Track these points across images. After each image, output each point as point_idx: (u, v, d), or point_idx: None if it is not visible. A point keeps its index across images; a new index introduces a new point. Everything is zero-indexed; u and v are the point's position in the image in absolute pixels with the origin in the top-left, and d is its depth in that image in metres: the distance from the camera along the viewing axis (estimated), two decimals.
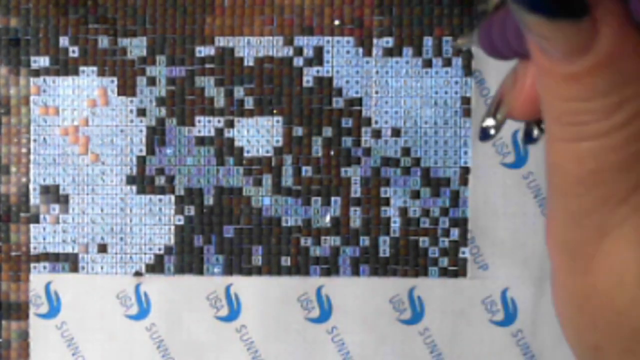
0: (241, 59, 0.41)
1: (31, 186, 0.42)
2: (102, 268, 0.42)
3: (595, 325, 0.18)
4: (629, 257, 0.17)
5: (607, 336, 0.18)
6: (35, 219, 0.42)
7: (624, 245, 0.17)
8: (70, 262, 0.42)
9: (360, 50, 0.41)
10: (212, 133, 0.41)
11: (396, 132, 0.41)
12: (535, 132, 0.21)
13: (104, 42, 0.41)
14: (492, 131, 0.21)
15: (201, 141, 0.41)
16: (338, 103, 0.41)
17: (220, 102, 0.41)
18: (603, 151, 0.17)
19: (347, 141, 0.41)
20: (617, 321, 0.17)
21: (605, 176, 0.17)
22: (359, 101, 0.41)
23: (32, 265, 0.42)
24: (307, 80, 0.41)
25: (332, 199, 0.41)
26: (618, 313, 0.17)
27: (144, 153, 0.41)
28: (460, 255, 0.41)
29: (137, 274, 0.41)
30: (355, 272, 0.41)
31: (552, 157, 0.18)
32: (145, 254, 0.42)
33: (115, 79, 0.41)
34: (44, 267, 0.42)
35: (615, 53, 0.16)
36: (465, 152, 0.41)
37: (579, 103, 0.16)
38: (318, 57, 0.41)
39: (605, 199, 0.17)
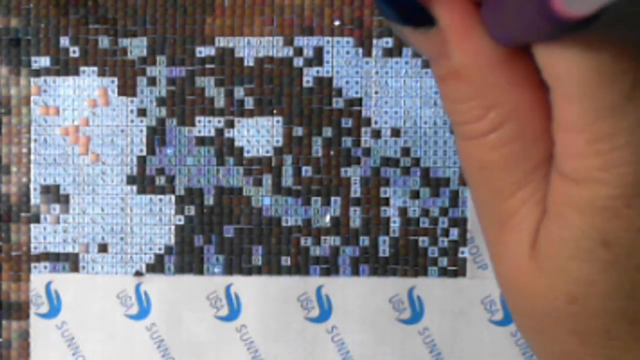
0: (241, 59, 0.41)
1: (31, 186, 0.42)
2: (102, 268, 0.42)
3: (510, 307, 0.20)
4: (519, 245, 0.18)
5: (519, 317, 0.20)
6: (36, 219, 0.42)
7: (515, 234, 0.18)
8: (70, 262, 0.42)
9: (360, 50, 0.41)
10: (212, 133, 0.41)
11: (396, 132, 0.41)
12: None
13: (104, 42, 0.41)
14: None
15: (201, 141, 0.41)
16: (338, 103, 0.41)
17: (220, 102, 0.41)
18: (483, 150, 0.18)
19: (347, 141, 0.41)
20: (520, 303, 0.19)
21: (491, 173, 0.18)
22: (359, 101, 0.41)
23: (32, 265, 0.42)
24: (307, 80, 0.41)
25: (332, 199, 0.41)
26: (518, 295, 0.19)
27: (144, 153, 0.41)
28: (460, 255, 0.41)
29: (138, 273, 0.42)
30: (355, 272, 0.41)
31: (458, 151, 0.19)
32: (145, 253, 0.42)
33: (115, 79, 0.41)
34: (45, 267, 0.42)
35: (467, 64, 0.17)
36: None
37: (454, 104, 0.18)
38: (318, 57, 0.41)
39: (496, 192, 0.18)
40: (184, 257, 0.42)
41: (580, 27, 0.14)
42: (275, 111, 0.41)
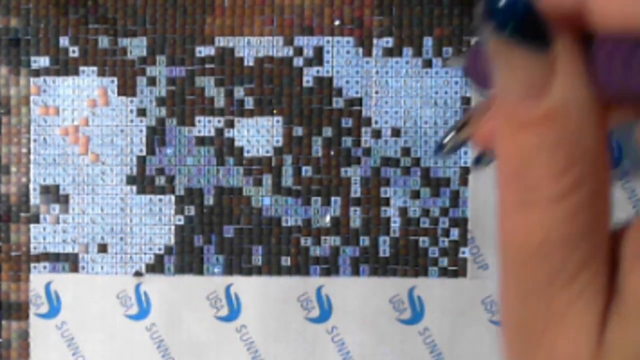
0: (241, 59, 0.41)
1: (31, 186, 0.42)
2: (102, 268, 0.42)
3: None
4: (581, 341, 0.16)
5: None
6: (36, 219, 0.42)
7: (576, 328, 0.16)
8: (70, 262, 0.42)
9: (360, 50, 0.41)
10: (212, 133, 0.41)
11: (396, 132, 0.41)
12: (486, 160, 0.21)
13: (104, 42, 0.41)
14: (448, 148, 0.21)
15: (201, 141, 0.41)
16: (338, 103, 0.41)
17: (220, 102, 0.41)
18: (553, 221, 0.16)
19: (347, 141, 0.41)
20: None
21: (553, 250, 0.16)
22: (359, 101, 0.41)
23: (32, 265, 0.42)
24: (307, 80, 0.41)
25: (332, 199, 0.41)
26: None
27: (144, 153, 0.41)
28: (460, 255, 0.41)
29: (137, 274, 0.42)
30: (355, 272, 0.41)
31: (501, 226, 0.17)
32: (145, 254, 0.42)
33: (115, 79, 0.41)
34: (44, 267, 0.42)
35: (571, 101, 0.15)
36: (465, 152, 0.41)
37: (531, 155, 0.16)
38: (318, 57, 0.41)
39: (553, 275, 0.16)
40: (184, 257, 0.41)
41: None
42: (275, 111, 0.41)
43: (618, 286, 0.16)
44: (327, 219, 0.41)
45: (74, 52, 0.41)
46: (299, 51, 0.41)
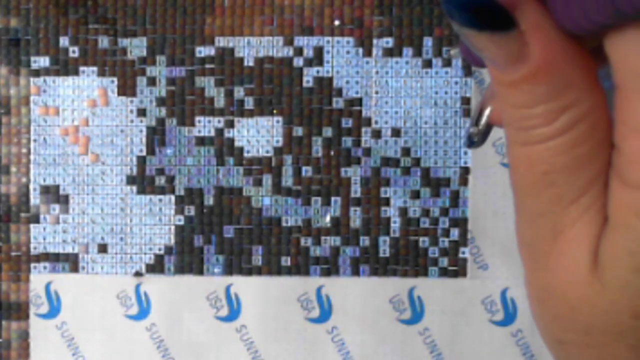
0: (241, 59, 0.41)
1: (31, 186, 0.42)
2: (102, 268, 0.42)
3: (555, 321, 0.19)
4: (579, 256, 0.18)
5: (567, 331, 0.19)
6: (36, 219, 0.42)
7: (575, 245, 0.18)
8: (70, 262, 0.42)
9: (360, 50, 0.41)
10: (212, 133, 0.41)
11: (396, 132, 0.41)
12: (480, 139, 0.23)
13: (104, 42, 0.41)
14: (476, 138, 0.22)
15: (201, 141, 0.41)
16: (338, 103, 0.41)
17: (220, 102, 0.41)
18: (551, 154, 0.17)
19: (347, 141, 0.41)
20: (572, 317, 0.18)
21: (556, 178, 0.17)
22: (359, 101, 0.41)
23: (32, 265, 0.42)
24: (307, 80, 0.41)
25: (332, 199, 0.41)
26: (572, 309, 0.18)
27: (144, 153, 0.41)
28: (460, 255, 0.41)
29: (137, 274, 0.42)
30: (355, 272, 0.41)
31: (510, 160, 0.19)
32: (145, 254, 0.42)
33: (115, 79, 0.41)
34: (44, 267, 0.42)
35: (548, 63, 0.17)
36: (465, 152, 0.41)
37: (524, 109, 0.17)
38: (318, 57, 0.41)
39: (557, 199, 0.18)
40: (184, 257, 0.41)
41: None
42: (275, 111, 0.41)
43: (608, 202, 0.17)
44: (327, 219, 0.41)
45: (74, 52, 0.41)
46: (299, 51, 0.41)
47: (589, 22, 0.16)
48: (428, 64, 0.41)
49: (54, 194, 0.42)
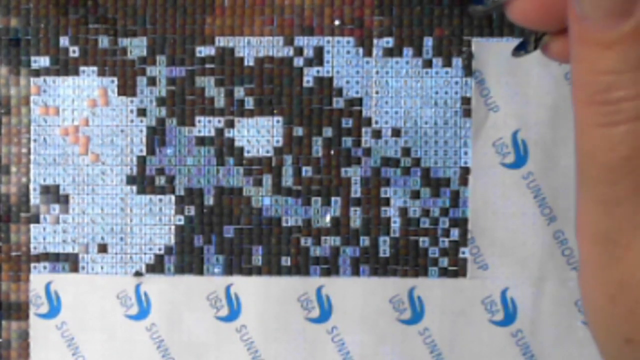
0: (241, 59, 0.41)
1: (31, 186, 0.42)
2: (102, 268, 0.42)
3: (629, 317, 0.17)
4: None
5: None
6: (36, 219, 0.42)
7: None
8: (70, 262, 0.42)
9: (360, 50, 0.41)
10: (212, 133, 0.41)
11: (396, 132, 0.41)
12: (531, 45, 0.20)
13: (104, 42, 0.41)
14: (485, 6, 0.19)
15: (201, 141, 0.41)
16: (338, 103, 0.41)
17: (220, 102, 0.41)
18: (637, 136, 0.16)
19: (347, 141, 0.41)
20: None
21: (638, 163, 0.16)
22: (359, 101, 0.41)
23: (32, 265, 0.42)
24: (307, 80, 0.41)
25: (332, 199, 0.41)
26: None
27: (144, 153, 0.41)
28: (460, 255, 0.41)
29: (137, 274, 0.42)
30: (355, 272, 0.41)
31: (582, 144, 0.17)
32: (145, 254, 0.42)
33: (115, 79, 0.41)
34: (44, 267, 0.42)
35: None
36: (465, 152, 0.41)
37: (615, 76, 0.16)
38: (318, 57, 0.41)
39: (637, 187, 0.16)
40: (184, 257, 0.41)
41: None
42: (275, 111, 0.41)
43: None
44: (327, 219, 0.41)
45: (74, 52, 0.41)
46: (299, 51, 0.41)
47: None
48: (428, 64, 0.41)
49: (54, 194, 0.42)
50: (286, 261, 0.41)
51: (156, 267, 0.41)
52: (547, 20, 0.18)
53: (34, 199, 0.42)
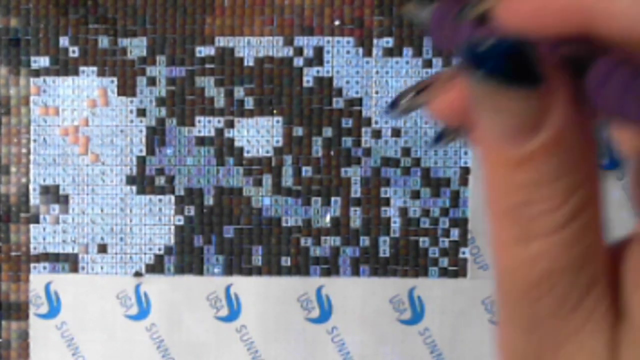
0: (241, 59, 0.41)
1: (31, 186, 0.42)
2: (102, 268, 0.42)
3: None
4: None
5: None
6: (35, 219, 0.42)
7: (586, 354, 0.15)
8: (70, 262, 0.42)
9: (360, 50, 0.41)
10: (212, 133, 0.41)
11: (396, 132, 0.41)
12: (446, 138, 0.19)
13: (104, 42, 0.41)
14: (402, 109, 0.19)
15: (201, 141, 0.41)
16: (338, 103, 0.41)
17: (220, 102, 0.41)
18: (555, 249, 0.15)
19: (347, 141, 0.41)
20: None
21: (558, 279, 0.15)
22: (359, 101, 0.41)
23: (32, 265, 0.42)
24: (307, 80, 0.41)
25: (332, 199, 0.41)
26: None
27: (144, 153, 0.41)
28: (461, 255, 0.41)
29: (137, 274, 0.41)
30: (355, 272, 0.41)
31: (501, 260, 0.16)
32: (145, 254, 0.42)
33: (115, 79, 0.41)
34: (44, 267, 0.42)
35: (566, 131, 0.14)
36: (465, 153, 0.41)
37: (529, 192, 0.15)
38: (318, 57, 0.41)
39: (558, 304, 0.15)
40: (184, 258, 0.41)
41: None
42: (275, 111, 0.41)
43: (623, 306, 0.15)
44: (327, 219, 0.41)
45: (74, 52, 0.41)
46: (299, 51, 0.41)
47: (621, 112, 0.14)
48: (428, 64, 0.41)
49: (53, 194, 0.42)
50: (286, 261, 0.41)
51: (156, 267, 0.41)
52: (464, 120, 0.17)
53: (34, 199, 0.42)
